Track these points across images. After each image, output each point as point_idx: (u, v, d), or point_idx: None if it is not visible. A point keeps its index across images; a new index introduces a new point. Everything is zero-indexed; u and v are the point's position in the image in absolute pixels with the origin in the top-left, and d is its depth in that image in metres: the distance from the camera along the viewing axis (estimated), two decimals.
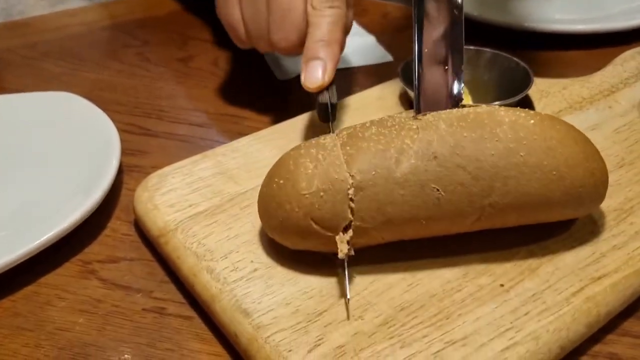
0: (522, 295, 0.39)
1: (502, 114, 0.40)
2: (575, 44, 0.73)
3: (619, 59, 0.63)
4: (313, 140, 0.42)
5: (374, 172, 0.38)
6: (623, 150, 0.51)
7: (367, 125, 0.41)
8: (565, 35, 0.73)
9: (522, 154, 0.38)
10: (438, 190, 0.38)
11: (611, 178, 0.48)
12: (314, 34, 0.52)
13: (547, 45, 0.74)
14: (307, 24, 0.53)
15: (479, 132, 0.39)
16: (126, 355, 0.40)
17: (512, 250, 0.42)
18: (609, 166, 0.47)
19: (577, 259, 0.41)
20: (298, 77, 0.71)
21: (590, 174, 0.40)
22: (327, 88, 0.51)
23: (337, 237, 0.38)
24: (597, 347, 0.39)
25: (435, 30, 0.46)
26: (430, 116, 0.41)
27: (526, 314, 0.37)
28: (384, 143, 0.39)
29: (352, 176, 0.38)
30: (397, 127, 0.40)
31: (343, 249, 0.38)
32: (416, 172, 0.38)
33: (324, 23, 0.52)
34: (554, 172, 0.39)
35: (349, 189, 0.38)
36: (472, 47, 0.59)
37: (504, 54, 0.59)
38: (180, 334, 0.41)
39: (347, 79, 0.69)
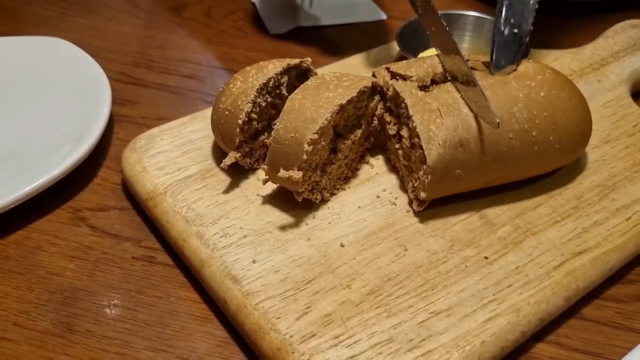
0: (506, 268, 0.40)
1: (514, 86, 0.43)
2: (572, 11, 0.73)
3: (610, 31, 0.63)
4: (264, 62, 0.46)
5: None
6: (609, 126, 0.51)
7: None
8: (564, 2, 0.73)
9: (534, 133, 0.42)
10: (461, 174, 0.41)
11: (596, 154, 0.49)
12: None
13: (545, 11, 0.73)
14: None
15: (499, 114, 0.41)
16: (116, 301, 0.41)
17: (498, 224, 0.43)
18: (595, 142, 0.49)
19: (560, 234, 0.42)
20: (291, 31, 0.69)
21: (582, 137, 0.45)
22: None
23: (230, 152, 0.44)
24: None
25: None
26: (449, 97, 0.42)
27: (509, 286, 0.39)
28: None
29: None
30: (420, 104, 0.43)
31: (226, 162, 0.43)
32: (443, 160, 0.41)
33: None
34: (557, 146, 0.43)
35: (240, 118, 0.43)
36: (473, 14, 0.59)
37: None
38: (169, 282, 0.42)
39: (338, 36, 0.68)
